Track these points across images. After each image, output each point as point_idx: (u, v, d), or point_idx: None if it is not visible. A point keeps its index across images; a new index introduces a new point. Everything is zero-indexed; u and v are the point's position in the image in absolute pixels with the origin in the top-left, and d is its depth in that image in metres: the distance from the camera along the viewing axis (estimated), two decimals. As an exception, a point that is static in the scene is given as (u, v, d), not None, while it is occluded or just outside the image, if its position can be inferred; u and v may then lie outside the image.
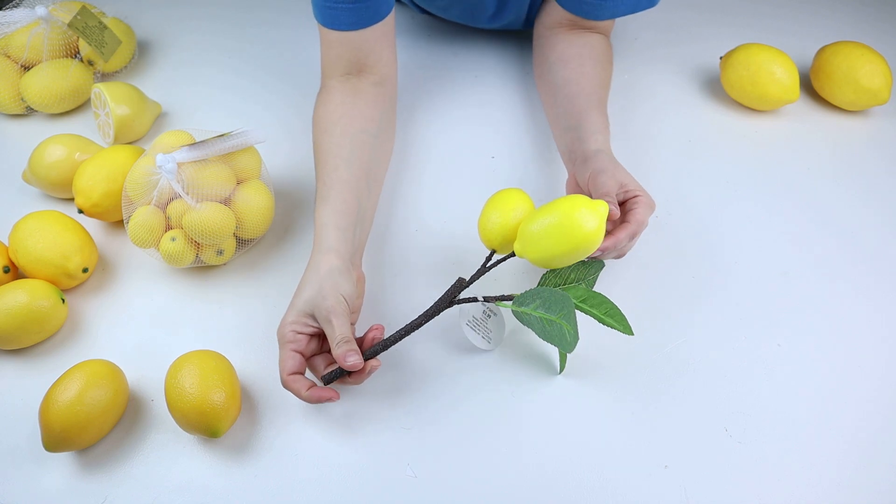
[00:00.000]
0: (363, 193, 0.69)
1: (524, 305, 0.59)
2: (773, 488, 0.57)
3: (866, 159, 0.84)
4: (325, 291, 0.59)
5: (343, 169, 0.68)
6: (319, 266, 0.61)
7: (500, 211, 0.62)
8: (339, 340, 0.57)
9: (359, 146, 0.71)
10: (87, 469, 0.59)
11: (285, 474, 0.58)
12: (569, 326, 0.58)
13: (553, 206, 0.59)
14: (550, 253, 0.59)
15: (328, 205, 0.66)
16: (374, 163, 0.72)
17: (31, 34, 0.86)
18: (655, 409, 0.62)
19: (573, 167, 0.70)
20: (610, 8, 0.78)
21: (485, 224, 0.63)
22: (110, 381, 0.59)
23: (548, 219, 0.58)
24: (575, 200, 0.58)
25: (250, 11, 1.06)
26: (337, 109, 0.73)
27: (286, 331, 0.59)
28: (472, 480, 0.58)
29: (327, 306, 0.58)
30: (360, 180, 0.69)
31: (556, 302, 0.58)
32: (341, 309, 0.58)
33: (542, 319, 0.58)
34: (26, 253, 0.67)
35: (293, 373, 0.58)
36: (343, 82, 0.76)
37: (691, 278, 0.71)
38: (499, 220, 0.62)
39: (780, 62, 0.85)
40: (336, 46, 0.75)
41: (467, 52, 0.98)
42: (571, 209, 0.58)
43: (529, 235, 0.59)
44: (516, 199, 0.63)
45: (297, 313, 0.60)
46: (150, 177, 0.67)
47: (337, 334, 0.57)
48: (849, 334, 0.67)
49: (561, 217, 0.58)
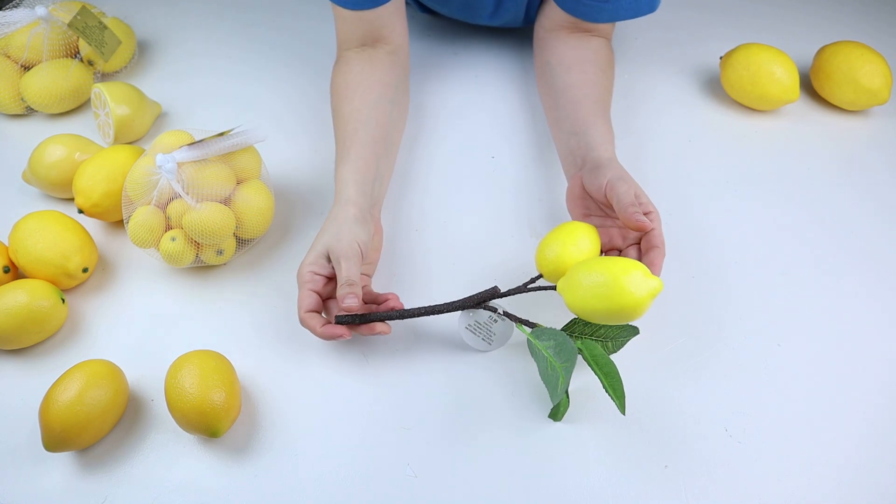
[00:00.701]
0: (381, 154, 0.73)
1: (539, 339, 0.59)
2: (773, 488, 0.57)
3: (866, 159, 0.84)
4: (340, 235, 0.63)
5: (362, 131, 0.73)
6: (338, 215, 0.66)
7: (562, 242, 0.61)
8: (344, 282, 0.60)
9: (377, 111, 0.75)
10: (87, 469, 0.59)
11: (285, 474, 0.58)
12: (563, 379, 0.57)
13: (608, 262, 0.57)
14: (587, 307, 0.57)
15: (347, 163, 0.70)
16: (391, 126, 0.76)
17: (31, 34, 0.86)
18: (656, 409, 0.62)
19: (578, 171, 0.70)
20: (610, 11, 0.78)
21: (542, 250, 0.62)
22: (110, 381, 0.59)
23: (597, 274, 0.56)
24: (630, 265, 0.56)
25: (250, 12, 1.06)
26: (355, 78, 0.77)
27: (304, 271, 0.63)
28: (472, 480, 0.58)
29: (340, 248, 0.62)
30: (377, 142, 0.73)
31: (565, 351, 0.57)
32: (352, 252, 0.62)
33: (548, 360, 0.58)
34: (26, 253, 0.67)
35: (310, 310, 0.61)
36: (359, 52, 0.79)
37: (691, 278, 0.71)
38: (557, 251, 0.61)
39: (780, 62, 0.85)
40: (350, 23, 0.78)
41: (467, 51, 0.98)
42: (623, 272, 0.55)
43: (575, 282, 0.58)
44: (584, 236, 0.62)
45: (314, 255, 0.63)
46: (150, 177, 0.67)
47: (344, 276, 0.60)
48: (849, 334, 0.67)
49: (610, 278, 0.55)
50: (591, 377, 0.62)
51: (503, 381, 0.64)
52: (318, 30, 1.00)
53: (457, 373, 0.64)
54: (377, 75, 0.77)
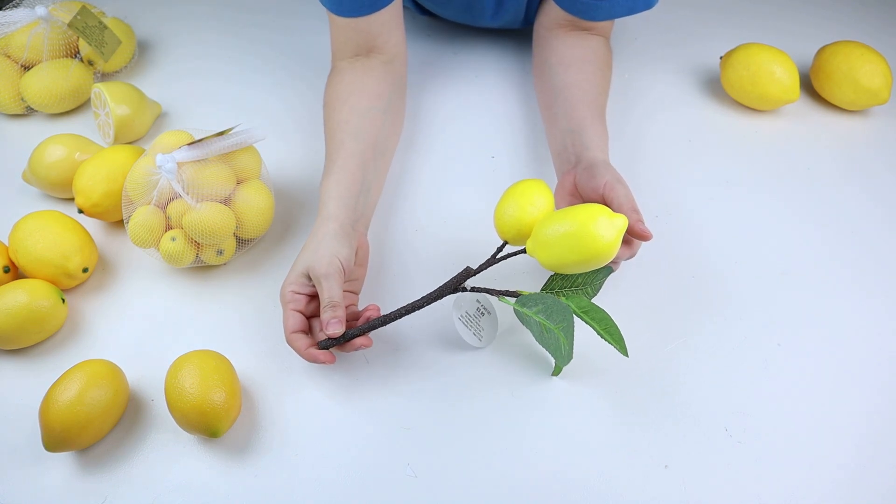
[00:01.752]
0: (369, 166, 0.71)
1: (526, 307, 0.59)
2: (773, 488, 0.57)
3: (866, 159, 0.84)
4: (320, 253, 0.61)
5: (349, 142, 0.71)
6: (317, 231, 0.64)
7: (518, 203, 0.60)
8: (327, 304, 0.59)
9: (367, 121, 0.73)
10: (87, 469, 0.59)
11: (285, 474, 0.58)
12: (565, 340, 0.57)
13: (571, 213, 0.57)
14: (562, 260, 0.57)
15: (331, 176, 0.69)
16: (382, 136, 0.75)
17: (31, 34, 0.86)
18: (655, 409, 0.62)
19: (572, 168, 0.70)
20: (606, 8, 0.78)
21: (500, 214, 0.61)
22: (110, 381, 0.59)
23: (564, 226, 0.57)
24: (593, 210, 0.56)
25: (250, 12, 1.06)
26: (346, 88, 0.76)
27: (286, 291, 0.62)
28: (472, 480, 0.58)
29: (320, 267, 0.60)
30: (365, 153, 0.71)
31: (558, 312, 0.57)
32: (333, 270, 0.60)
33: (542, 325, 0.58)
34: (26, 253, 0.67)
35: (295, 331, 0.61)
36: (352, 62, 0.78)
37: (691, 278, 0.71)
38: (515, 213, 0.60)
39: (780, 62, 0.85)
40: (345, 31, 0.77)
41: (467, 51, 0.98)
42: (589, 219, 0.56)
43: (543, 239, 0.58)
44: (536, 193, 0.61)
45: (295, 274, 0.62)
46: (150, 177, 0.67)
47: (325, 297, 0.59)
48: (849, 334, 0.67)
49: (578, 226, 0.56)
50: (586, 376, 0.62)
51: (503, 381, 0.64)
52: (318, 30, 1.00)
53: (456, 372, 0.64)
54: (370, 85, 0.76)
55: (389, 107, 0.77)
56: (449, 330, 0.67)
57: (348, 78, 0.77)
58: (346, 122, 0.73)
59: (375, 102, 0.75)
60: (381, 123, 0.75)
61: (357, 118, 0.73)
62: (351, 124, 0.73)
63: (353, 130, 0.72)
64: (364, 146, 0.71)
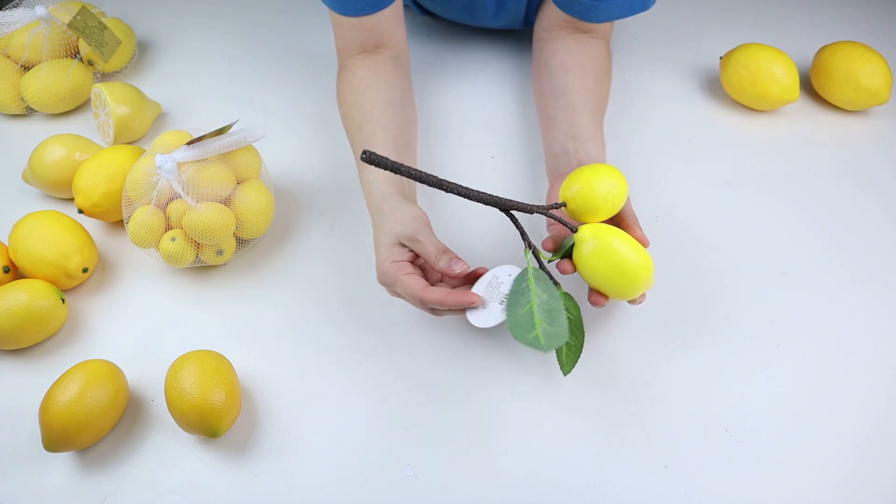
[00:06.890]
0: (402, 154, 0.71)
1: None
2: (773, 488, 0.57)
3: (866, 159, 0.84)
4: (399, 219, 0.61)
5: (380, 133, 0.71)
6: (382, 207, 0.63)
7: (616, 190, 0.61)
8: (437, 253, 0.58)
9: (390, 111, 0.73)
10: (87, 469, 0.59)
11: (285, 474, 0.58)
12: (574, 338, 0.58)
13: (632, 253, 0.58)
14: (595, 277, 0.59)
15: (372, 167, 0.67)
16: (406, 127, 0.75)
17: (31, 34, 0.86)
18: (655, 409, 0.62)
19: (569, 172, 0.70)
20: (604, 10, 0.78)
21: (594, 185, 0.60)
22: (110, 381, 0.59)
23: (618, 261, 0.58)
24: (648, 265, 0.59)
25: (250, 11, 1.06)
26: (361, 83, 0.76)
27: (387, 267, 0.59)
28: (472, 480, 0.58)
29: (409, 227, 0.60)
30: (396, 141, 0.71)
31: (556, 312, 0.56)
32: (421, 225, 0.60)
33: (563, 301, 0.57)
34: (26, 253, 0.67)
35: (425, 287, 0.57)
36: (362, 59, 0.78)
37: (691, 278, 0.71)
38: (607, 196, 0.60)
39: (780, 62, 0.85)
40: (349, 30, 0.77)
41: (468, 52, 0.98)
42: (644, 271, 0.58)
43: (598, 253, 0.58)
44: (621, 196, 0.61)
45: (385, 249, 0.60)
46: (150, 177, 0.67)
47: (430, 248, 0.58)
48: (849, 334, 0.67)
49: (629, 272, 0.58)
50: (586, 376, 0.62)
51: (504, 381, 0.64)
52: (319, 28, 1.00)
53: (457, 373, 0.64)
54: (385, 78, 0.76)
55: (405, 100, 0.78)
56: (449, 331, 0.67)
57: (361, 73, 0.77)
58: (370, 114, 0.73)
59: (394, 94, 0.76)
60: (402, 114, 0.75)
61: (380, 110, 0.73)
62: (375, 115, 0.72)
63: (380, 121, 0.72)
64: (394, 135, 0.72)
